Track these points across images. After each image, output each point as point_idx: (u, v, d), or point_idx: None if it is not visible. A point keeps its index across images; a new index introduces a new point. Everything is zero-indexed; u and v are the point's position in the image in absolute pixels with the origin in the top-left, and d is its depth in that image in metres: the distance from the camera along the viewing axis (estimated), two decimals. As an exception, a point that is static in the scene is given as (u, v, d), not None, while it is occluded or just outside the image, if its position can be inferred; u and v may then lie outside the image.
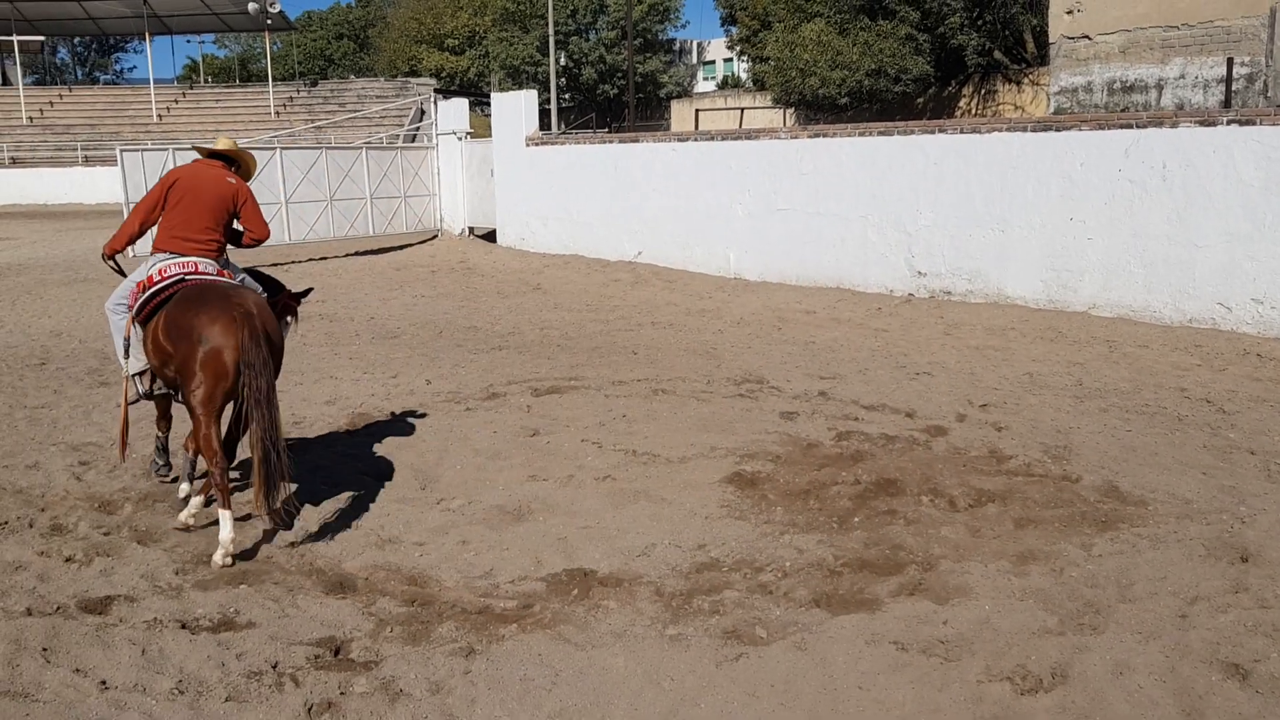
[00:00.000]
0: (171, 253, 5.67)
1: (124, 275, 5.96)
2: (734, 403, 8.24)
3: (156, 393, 5.87)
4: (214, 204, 5.79)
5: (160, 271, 5.60)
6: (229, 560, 5.02)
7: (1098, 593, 4.66)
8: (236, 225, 6.08)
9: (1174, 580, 4.78)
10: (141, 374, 5.76)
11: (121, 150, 17.02)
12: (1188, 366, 9.26)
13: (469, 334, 11.60)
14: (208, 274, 5.59)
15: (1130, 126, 11.05)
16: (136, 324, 5.63)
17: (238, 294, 5.35)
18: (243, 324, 5.09)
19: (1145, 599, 4.59)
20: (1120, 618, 4.41)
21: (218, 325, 5.11)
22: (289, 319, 6.33)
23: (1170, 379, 8.84)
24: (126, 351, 5.73)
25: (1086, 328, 10.86)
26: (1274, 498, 5.85)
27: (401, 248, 20.17)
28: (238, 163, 6.17)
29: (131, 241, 5.94)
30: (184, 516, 5.57)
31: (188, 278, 5.54)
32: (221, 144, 6.17)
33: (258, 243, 6.14)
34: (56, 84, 59.18)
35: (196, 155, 6.18)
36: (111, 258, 6.05)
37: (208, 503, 5.66)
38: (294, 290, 6.40)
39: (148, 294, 5.56)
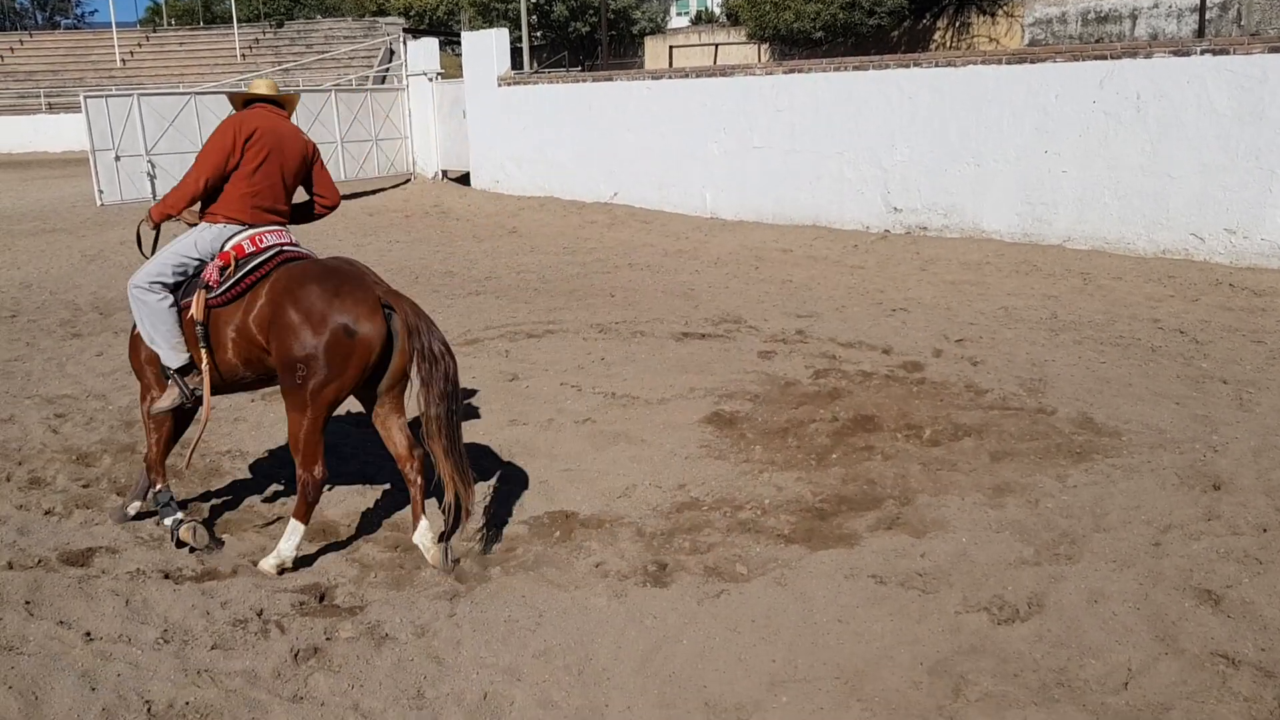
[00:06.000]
0: (248, 224, 4.65)
1: (141, 247, 4.87)
2: (712, 343, 8.25)
3: (194, 395, 4.67)
4: (297, 167, 4.81)
5: (254, 240, 4.60)
6: (277, 571, 4.44)
7: (1072, 523, 4.73)
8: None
9: (1147, 509, 4.86)
10: (185, 371, 4.63)
11: (86, 97, 16.67)
12: (1161, 297, 9.32)
13: (445, 279, 11.53)
14: (300, 248, 4.69)
15: (1105, 58, 11.01)
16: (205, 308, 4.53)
17: (370, 274, 4.53)
18: (407, 307, 4.39)
19: (1119, 528, 4.67)
20: (1095, 547, 4.49)
21: (365, 308, 4.29)
22: None
23: (1144, 310, 8.90)
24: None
25: (1061, 260, 10.89)
26: (1246, 426, 5.93)
27: (374, 192, 19.95)
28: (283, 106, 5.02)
29: (194, 203, 4.71)
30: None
31: (286, 248, 4.62)
32: (264, 87, 4.96)
33: (330, 211, 5.14)
34: (16, 29, 57.77)
35: (231, 99, 5.10)
36: (158, 225, 4.80)
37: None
38: None
39: (247, 269, 4.53)
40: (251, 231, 4.61)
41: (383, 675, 3.66)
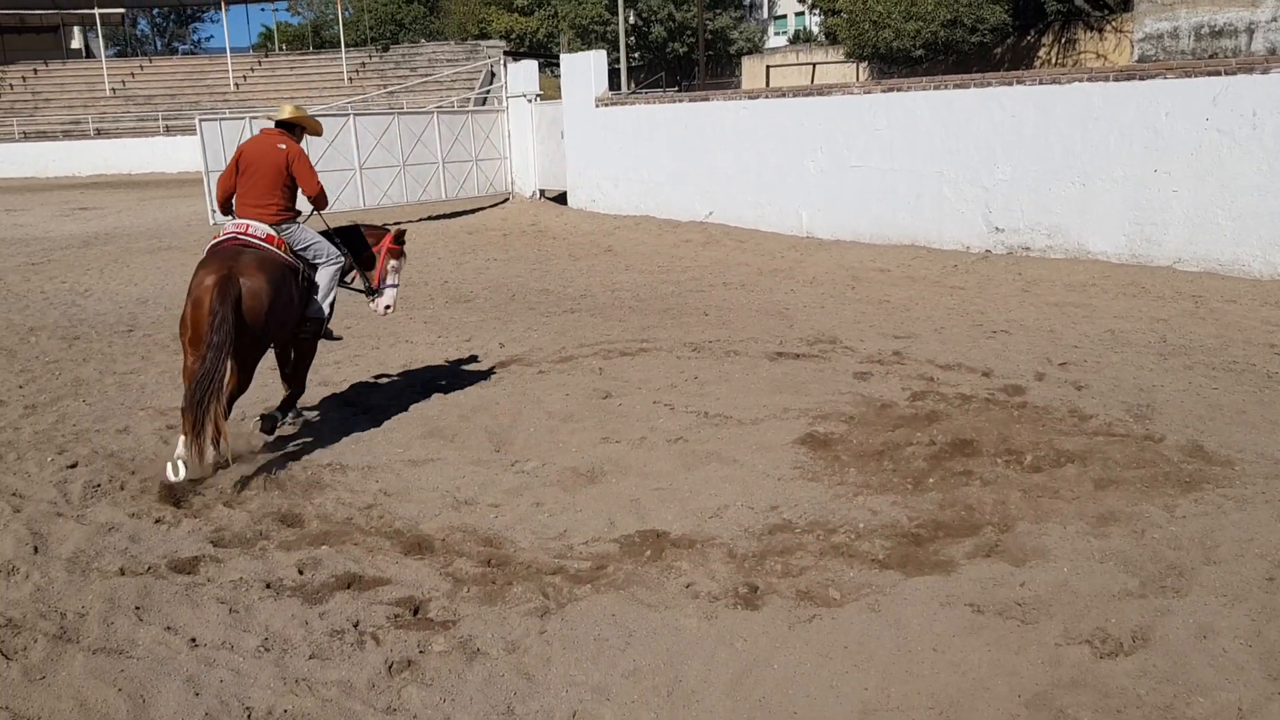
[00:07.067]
0: (239, 218, 6.25)
1: None
2: (807, 363, 8.19)
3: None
4: (269, 170, 6.26)
5: (224, 230, 6.22)
6: (173, 476, 5.60)
7: (1181, 555, 4.56)
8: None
9: (1261, 542, 4.66)
10: None
11: (201, 120, 17.35)
12: (1278, 322, 8.96)
13: (541, 297, 11.67)
14: (255, 236, 6.14)
15: (1219, 73, 10.66)
16: None
17: (236, 257, 5.87)
18: (215, 284, 5.61)
19: (1231, 561, 4.48)
20: (1204, 580, 4.32)
21: (195, 280, 5.73)
22: (394, 261, 6.95)
23: (1259, 335, 8.57)
24: None
25: (1171, 283, 10.56)
26: (1369, 457, 5.65)
27: (473, 211, 20.31)
28: (302, 127, 6.60)
29: (221, 206, 6.53)
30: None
31: (239, 236, 6.12)
32: (284, 113, 6.56)
33: (315, 199, 6.47)
34: (137, 55, 60.36)
35: (268, 124, 6.70)
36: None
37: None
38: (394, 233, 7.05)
39: (207, 249, 6.17)
40: (230, 224, 6.24)
41: (474, 690, 3.70)
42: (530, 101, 21.11)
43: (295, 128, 6.58)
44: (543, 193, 21.52)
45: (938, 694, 3.60)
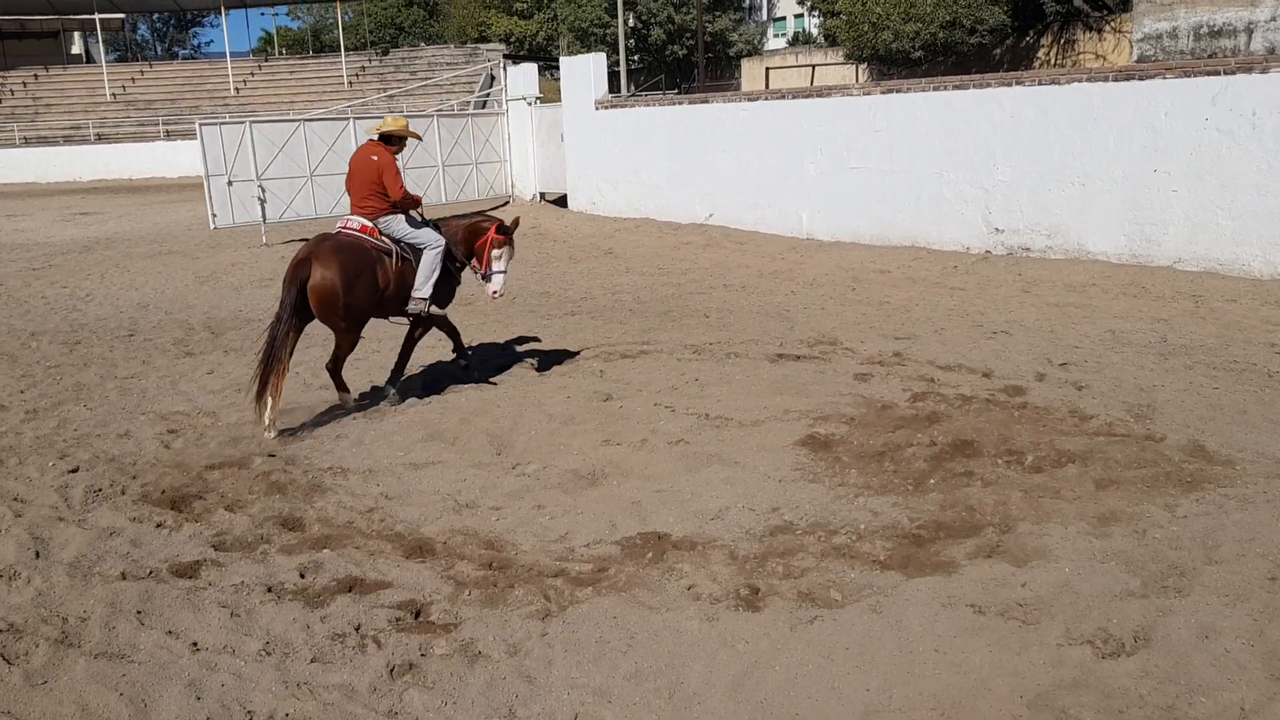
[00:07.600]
0: (350, 215, 7.35)
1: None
2: (807, 365, 8.19)
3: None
4: (366, 178, 7.24)
5: (336, 225, 7.35)
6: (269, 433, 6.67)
7: (1182, 555, 4.56)
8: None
9: (1263, 541, 4.65)
10: None
11: (200, 124, 17.34)
12: (1279, 321, 8.96)
13: (542, 300, 11.67)
14: (351, 228, 7.19)
15: (1218, 73, 10.66)
16: None
17: (319, 243, 6.90)
18: (291, 266, 6.78)
19: (1232, 561, 4.48)
20: (1206, 580, 4.31)
21: (296, 256, 6.85)
22: (498, 250, 7.60)
23: (1260, 334, 8.57)
24: None
25: (1171, 282, 10.55)
26: (1370, 456, 5.65)
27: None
28: (399, 137, 7.41)
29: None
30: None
31: (342, 231, 7.18)
32: (384, 125, 7.40)
33: (398, 203, 7.26)
34: (137, 60, 60.45)
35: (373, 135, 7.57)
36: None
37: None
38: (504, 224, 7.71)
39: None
40: (340, 221, 7.35)
41: (475, 693, 3.70)
42: (530, 104, 21.12)
43: (394, 137, 7.38)
44: (543, 195, 21.53)
45: (940, 695, 3.60)
